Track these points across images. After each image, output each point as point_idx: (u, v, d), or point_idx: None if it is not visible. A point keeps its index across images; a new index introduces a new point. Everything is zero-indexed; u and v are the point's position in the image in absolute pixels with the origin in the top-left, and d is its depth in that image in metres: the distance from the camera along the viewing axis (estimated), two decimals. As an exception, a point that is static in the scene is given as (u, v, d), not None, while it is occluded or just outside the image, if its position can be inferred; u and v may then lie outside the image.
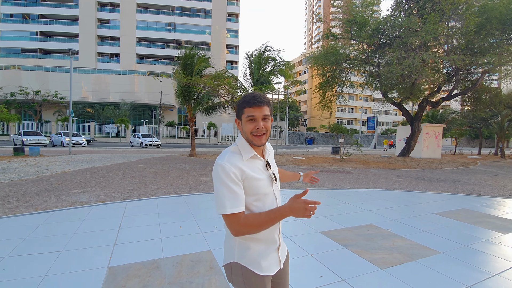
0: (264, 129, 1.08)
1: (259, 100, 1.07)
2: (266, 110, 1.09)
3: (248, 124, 1.09)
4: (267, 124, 1.10)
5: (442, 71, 15.19)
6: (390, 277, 2.57)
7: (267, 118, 1.10)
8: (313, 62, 16.36)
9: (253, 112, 1.07)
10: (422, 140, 18.26)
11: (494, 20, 12.42)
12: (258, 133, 1.08)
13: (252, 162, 1.13)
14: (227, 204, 1.02)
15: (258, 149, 1.16)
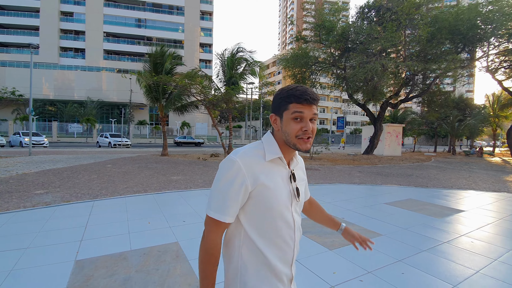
0: (311, 132, 0.89)
1: (311, 96, 0.87)
2: (315, 109, 0.90)
3: (293, 123, 0.87)
4: (315, 126, 0.91)
5: (401, 75, 16.51)
6: (336, 256, 2.97)
7: (315, 119, 0.91)
8: (284, 64, 16.92)
9: (302, 109, 0.87)
10: (384, 139, 19.66)
11: (444, 30, 13.81)
12: (305, 136, 0.88)
13: (274, 167, 0.92)
14: (215, 204, 0.88)
15: (287, 154, 0.95)
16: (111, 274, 2.43)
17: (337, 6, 16.81)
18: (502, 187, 8.12)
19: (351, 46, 14.94)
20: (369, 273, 2.61)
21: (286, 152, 0.95)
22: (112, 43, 45.76)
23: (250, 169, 0.87)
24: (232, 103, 14.14)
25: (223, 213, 0.87)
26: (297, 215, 0.97)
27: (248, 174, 0.86)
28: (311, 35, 17.49)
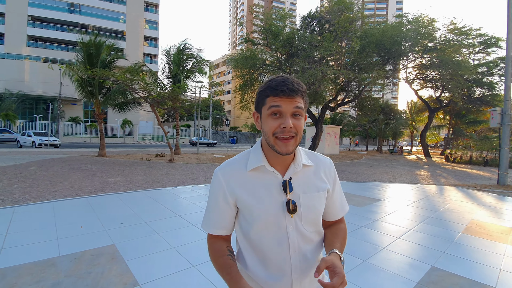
0: (294, 129, 0.74)
1: (289, 87, 0.73)
2: (299, 102, 0.75)
3: (271, 120, 0.75)
4: (298, 123, 0.75)
5: (338, 82, 18.27)
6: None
7: (299, 114, 0.76)
8: (233, 64, 17.13)
9: (279, 103, 0.74)
10: (324, 139, 21.46)
11: (372, 44, 15.73)
12: (284, 135, 0.74)
13: (258, 176, 0.82)
14: (204, 217, 0.88)
15: (276, 159, 0.81)
16: (37, 281, 2.27)
17: (284, 13, 17.72)
18: (413, 179, 9.70)
19: (295, 51, 15.92)
20: (298, 257, 2.96)
21: (275, 158, 0.81)
22: (38, 28, 39.73)
23: (228, 181, 0.82)
24: (179, 102, 13.75)
25: (207, 225, 0.85)
26: (297, 232, 0.81)
27: (227, 186, 0.82)
28: (259, 38, 18.08)
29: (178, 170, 9.71)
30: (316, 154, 0.92)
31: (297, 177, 0.83)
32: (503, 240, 3.76)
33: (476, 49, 20.40)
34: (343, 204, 0.93)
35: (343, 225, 0.94)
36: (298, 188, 0.82)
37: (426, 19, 18.14)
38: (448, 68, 16.44)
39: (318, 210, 0.84)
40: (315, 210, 0.83)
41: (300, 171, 0.83)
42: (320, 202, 0.84)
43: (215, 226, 0.85)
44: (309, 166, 0.86)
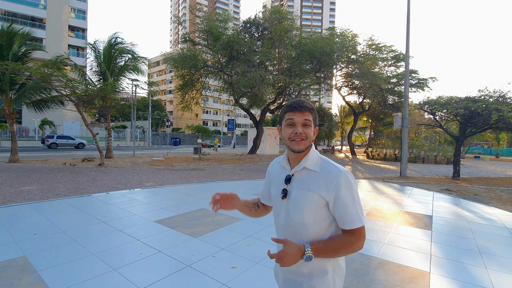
0: (304, 134, 1.00)
1: (300, 104, 1.02)
2: (308, 116, 1.01)
3: (287, 128, 1.03)
4: (307, 130, 1.01)
5: (277, 86, 19.42)
6: (199, 241, 3.45)
7: (308, 124, 1.01)
8: (172, 63, 16.63)
9: (292, 116, 1.01)
10: (266, 140, 22.45)
11: (305, 53, 17.21)
12: (296, 138, 1.00)
13: (281, 169, 1.14)
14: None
15: (293, 158, 1.08)
16: None
17: (224, 16, 17.96)
18: (337, 175, 10.98)
19: (236, 55, 16.35)
20: (222, 250, 3.21)
21: (291, 157, 1.10)
22: None
23: (270, 168, 1.23)
24: (110, 101, 12.73)
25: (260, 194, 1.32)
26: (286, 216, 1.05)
27: (268, 171, 1.24)
28: (200, 39, 17.95)
29: (108, 175, 9.03)
30: (331, 164, 1.02)
31: (299, 175, 1.05)
32: (393, 221, 4.68)
33: (389, 62, 23.99)
34: (344, 219, 0.98)
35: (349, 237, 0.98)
36: (295, 183, 1.05)
37: (350, 34, 20.61)
38: (367, 78, 19.01)
39: (302, 205, 1.00)
40: (299, 204, 1.00)
41: (303, 171, 1.04)
42: (306, 200, 0.99)
43: (261, 196, 1.32)
44: (312, 170, 1.02)
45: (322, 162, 1.04)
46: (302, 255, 0.93)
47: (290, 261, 0.91)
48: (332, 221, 1.02)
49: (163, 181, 8.00)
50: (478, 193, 7.56)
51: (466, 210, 5.65)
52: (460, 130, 10.26)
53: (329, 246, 0.97)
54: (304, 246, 0.94)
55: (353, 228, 0.97)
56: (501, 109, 8.39)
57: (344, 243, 0.97)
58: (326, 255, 0.97)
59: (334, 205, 0.98)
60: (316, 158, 1.05)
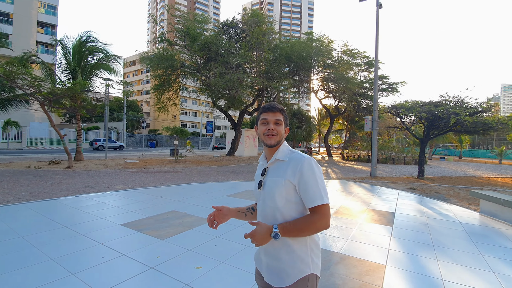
0: (275, 131, 1.16)
1: (273, 106, 1.20)
2: (279, 116, 1.18)
3: (262, 126, 1.20)
4: (279, 128, 1.18)
5: (255, 88, 19.58)
6: (166, 243, 3.41)
7: (279, 123, 1.18)
8: (148, 63, 16.22)
9: (266, 116, 1.19)
10: (244, 142, 22.49)
11: (282, 56, 17.52)
12: (269, 133, 1.16)
13: (260, 163, 1.30)
14: None
15: (269, 153, 1.22)
16: None
17: (202, 17, 17.84)
18: (312, 176, 11.26)
19: (214, 56, 16.28)
20: (188, 251, 3.19)
21: (268, 154, 1.23)
22: None
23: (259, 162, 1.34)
24: (80, 101, 12.17)
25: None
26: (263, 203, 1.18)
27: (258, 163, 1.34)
28: (178, 39, 17.67)
29: (76, 178, 8.62)
30: (298, 153, 1.16)
31: (272, 167, 1.19)
32: (358, 218, 4.90)
33: (362, 68, 25.02)
34: (308, 197, 1.08)
35: (313, 216, 1.07)
36: (269, 174, 1.19)
37: (326, 39, 21.28)
38: (342, 83, 19.71)
39: (274, 190, 1.13)
40: (271, 190, 1.14)
41: (275, 163, 1.18)
42: (276, 185, 1.12)
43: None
44: (282, 160, 1.17)
45: (291, 153, 1.17)
46: (270, 233, 1.04)
47: (260, 239, 1.04)
48: (299, 207, 1.12)
49: (135, 184, 7.78)
50: (439, 191, 8.10)
51: (426, 207, 6.04)
52: (424, 132, 10.96)
53: (295, 224, 1.06)
54: (272, 226, 1.06)
55: (316, 205, 1.06)
56: (459, 113, 9.08)
57: (309, 221, 1.06)
58: (293, 234, 1.07)
59: (299, 186, 1.09)
60: (286, 150, 1.19)
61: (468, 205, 6.29)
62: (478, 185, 9.88)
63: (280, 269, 1.12)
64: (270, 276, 1.15)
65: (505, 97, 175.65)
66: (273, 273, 1.14)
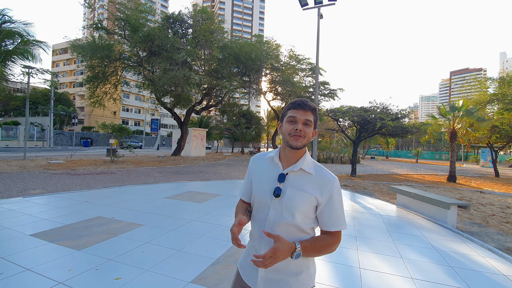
0: (303, 132, 1.03)
1: (305, 103, 1.05)
2: (310, 116, 1.04)
3: (288, 125, 1.05)
4: (307, 129, 1.04)
5: (203, 87, 19.09)
6: (82, 254, 3.01)
7: (309, 124, 1.05)
8: (80, 51, 14.43)
9: (295, 114, 1.04)
10: (191, 141, 21.76)
11: (231, 56, 17.47)
12: (297, 134, 1.02)
13: (268, 165, 1.12)
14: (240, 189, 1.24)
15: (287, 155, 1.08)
16: None
17: (146, 7, 16.64)
18: (257, 175, 11.47)
19: (158, 50, 15.33)
20: (109, 261, 2.87)
21: (285, 156, 1.09)
22: None
23: (253, 163, 1.18)
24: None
25: (240, 192, 1.24)
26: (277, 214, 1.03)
27: (251, 166, 1.19)
28: (117, 28, 16.13)
29: (-23, 182, 7.14)
30: (323, 169, 1.09)
31: (294, 175, 1.06)
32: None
33: (307, 73, 26.55)
34: (332, 221, 1.04)
35: (331, 239, 1.04)
36: (289, 182, 1.05)
37: (274, 43, 21.97)
38: (288, 86, 20.59)
39: (297, 205, 1.02)
40: (294, 203, 1.02)
41: (299, 172, 1.06)
42: (302, 200, 1.02)
43: (242, 193, 1.22)
44: (308, 173, 1.06)
45: (316, 166, 1.09)
46: (292, 252, 0.95)
47: (281, 257, 0.92)
48: (313, 224, 1.08)
49: (56, 188, 6.79)
50: (366, 187, 9.04)
51: (355, 202, 6.66)
52: (356, 135, 12.15)
53: (315, 245, 1.01)
54: (294, 244, 0.96)
55: (337, 230, 1.04)
56: (384, 118, 10.30)
57: (327, 244, 1.03)
58: (310, 254, 1.02)
59: (326, 207, 1.04)
60: (311, 161, 1.10)
61: (389, 199, 7.15)
62: (398, 181, 11.36)
63: (285, 283, 1.03)
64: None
65: (422, 106, 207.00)
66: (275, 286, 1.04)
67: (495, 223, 5.18)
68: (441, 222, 4.96)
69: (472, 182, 12.00)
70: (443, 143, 42.96)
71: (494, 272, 3.00)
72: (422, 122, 14.16)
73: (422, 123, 13.34)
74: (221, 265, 2.86)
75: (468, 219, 5.42)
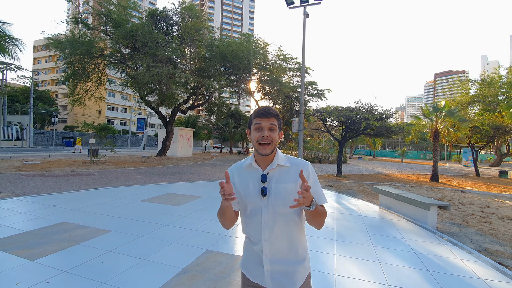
0: (270, 138, 1.12)
1: (267, 111, 1.14)
2: (273, 121, 1.14)
3: (255, 132, 1.14)
4: (273, 134, 1.13)
5: (190, 85, 18.72)
6: (36, 265, 2.74)
7: (274, 129, 1.14)
8: (58, 46, 13.81)
9: (260, 121, 1.13)
10: (177, 141, 21.32)
11: (217, 55, 17.18)
12: (263, 141, 1.12)
13: (248, 171, 1.19)
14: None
15: (262, 159, 1.17)
16: None
17: (130, 3, 16.14)
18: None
19: (141, 47, 14.86)
20: (63, 273, 2.61)
21: (259, 159, 1.17)
22: None
23: (234, 173, 1.22)
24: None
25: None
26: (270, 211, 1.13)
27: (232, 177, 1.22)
28: (98, 23, 15.55)
29: None
30: (295, 158, 1.21)
31: (273, 173, 1.16)
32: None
33: (295, 73, 26.56)
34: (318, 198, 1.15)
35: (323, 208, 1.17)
36: (272, 180, 1.15)
37: (262, 42, 21.82)
38: (275, 85, 20.48)
39: (284, 197, 1.12)
40: (282, 196, 1.12)
41: (276, 169, 1.16)
42: (286, 191, 1.13)
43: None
44: (285, 166, 1.17)
45: (288, 158, 1.21)
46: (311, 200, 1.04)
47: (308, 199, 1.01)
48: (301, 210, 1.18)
49: (25, 191, 6.38)
50: (351, 187, 9.00)
51: (338, 202, 6.57)
52: (341, 134, 12.14)
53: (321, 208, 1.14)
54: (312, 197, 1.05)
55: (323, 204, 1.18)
56: (368, 118, 10.31)
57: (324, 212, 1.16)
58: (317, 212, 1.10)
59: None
60: (283, 155, 1.21)
61: (372, 199, 7.11)
62: (383, 180, 11.42)
63: (293, 272, 1.15)
64: (280, 282, 1.14)
65: (408, 107, 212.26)
66: (283, 278, 1.14)
67: (474, 223, 5.19)
68: (421, 223, 4.91)
69: (454, 182, 12.22)
70: (427, 143, 44.03)
71: (471, 276, 2.93)
72: (406, 123, 14.34)
73: (406, 123, 13.50)
74: (187, 275, 2.65)
75: (448, 219, 5.41)
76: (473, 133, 14.31)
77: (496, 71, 22.94)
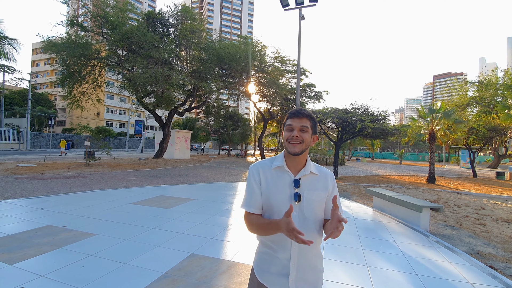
0: (300, 138, 1.12)
1: (300, 111, 1.14)
2: (305, 122, 1.13)
3: (286, 132, 1.16)
4: (305, 135, 1.12)
5: (187, 87, 18.68)
6: (13, 269, 2.67)
7: (306, 130, 1.13)
8: (54, 49, 13.77)
9: (292, 122, 1.14)
10: (174, 143, 21.25)
11: (214, 56, 17.16)
12: (293, 141, 1.12)
13: (278, 173, 1.16)
14: (244, 200, 1.18)
15: (293, 162, 1.16)
16: None
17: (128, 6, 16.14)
18: (236, 178, 11.20)
19: (136, 49, 14.82)
20: (40, 277, 2.54)
21: (290, 163, 1.16)
22: None
23: (259, 172, 1.17)
24: None
25: (249, 205, 1.16)
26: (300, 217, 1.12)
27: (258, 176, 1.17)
28: (94, 26, 15.53)
29: None
30: (321, 167, 1.24)
31: (305, 179, 1.16)
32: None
33: (293, 75, 26.54)
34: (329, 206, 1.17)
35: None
36: (304, 186, 1.14)
37: (260, 44, 21.82)
38: (273, 88, 20.45)
39: (316, 203, 1.15)
40: (314, 202, 1.14)
41: (308, 176, 1.16)
42: (319, 198, 1.15)
43: (251, 206, 1.15)
44: (315, 174, 1.18)
45: (316, 166, 1.22)
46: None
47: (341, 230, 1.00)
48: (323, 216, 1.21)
49: (14, 194, 6.30)
50: (346, 189, 8.94)
51: (331, 205, 6.49)
52: (338, 136, 12.09)
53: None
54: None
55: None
56: (364, 120, 10.26)
57: None
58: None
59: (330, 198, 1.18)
60: (313, 164, 1.21)
61: (366, 202, 7.05)
62: (379, 182, 11.36)
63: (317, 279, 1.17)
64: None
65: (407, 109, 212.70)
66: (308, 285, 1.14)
67: (468, 225, 5.13)
68: (414, 225, 4.85)
69: (451, 183, 12.16)
70: (426, 145, 44.00)
71: (460, 280, 2.86)
72: (402, 124, 14.31)
73: (403, 124, 13.47)
74: (167, 280, 2.58)
75: (442, 221, 5.35)
76: (469, 134, 14.29)
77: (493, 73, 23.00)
